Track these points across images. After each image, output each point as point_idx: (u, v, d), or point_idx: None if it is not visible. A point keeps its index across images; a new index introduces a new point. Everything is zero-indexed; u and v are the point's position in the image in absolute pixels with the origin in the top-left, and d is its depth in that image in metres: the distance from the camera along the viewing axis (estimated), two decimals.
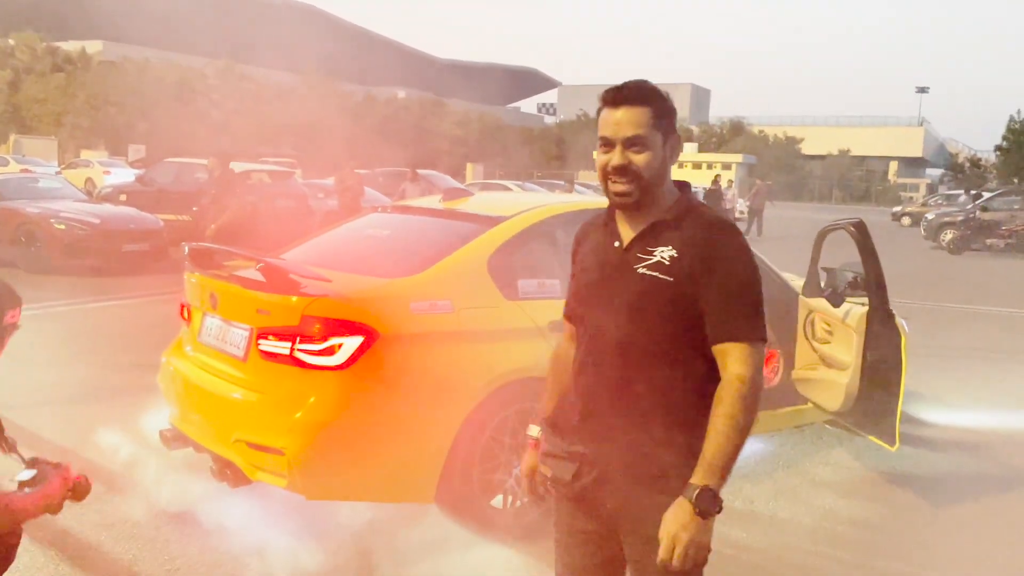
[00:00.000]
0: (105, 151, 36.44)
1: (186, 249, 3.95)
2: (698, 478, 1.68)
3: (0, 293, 2.03)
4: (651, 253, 1.80)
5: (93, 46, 47.96)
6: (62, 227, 10.89)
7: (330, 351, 3.22)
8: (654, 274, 1.77)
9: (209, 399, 3.56)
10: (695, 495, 1.66)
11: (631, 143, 1.78)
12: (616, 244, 1.88)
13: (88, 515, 3.71)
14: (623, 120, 1.78)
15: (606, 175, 1.82)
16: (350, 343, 3.21)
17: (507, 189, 21.31)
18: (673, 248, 1.78)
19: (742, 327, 1.74)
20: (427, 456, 3.35)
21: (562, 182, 28.57)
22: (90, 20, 56.94)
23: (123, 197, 14.71)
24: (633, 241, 1.85)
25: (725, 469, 1.69)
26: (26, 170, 14.91)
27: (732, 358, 1.73)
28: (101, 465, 4.22)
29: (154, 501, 3.83)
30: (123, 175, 25.74)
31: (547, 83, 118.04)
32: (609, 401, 1.84)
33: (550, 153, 63.97)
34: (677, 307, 1.76)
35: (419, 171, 16.74)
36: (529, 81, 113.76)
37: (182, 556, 3.37)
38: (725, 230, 1.79)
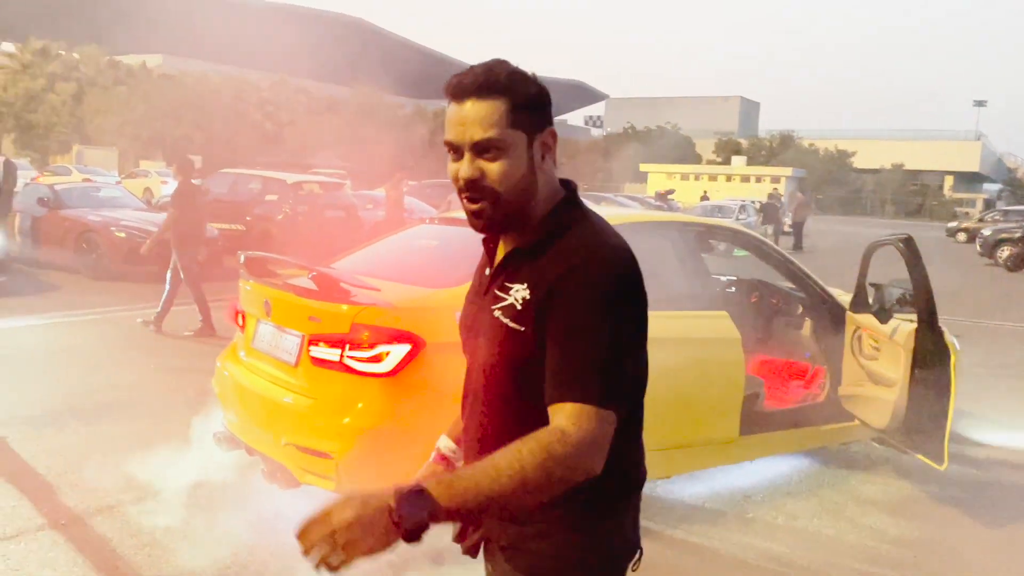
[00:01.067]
0: (163, 162, 37.52)
1: (242, 258, 4.09)
2: (430, 484, 1.21)
3: None
4: (507, 292, 1.43)
5: (153, 60, 49.46)
6: (122, 235, 11.27)
7: (378, 358, 3.31)
8: (506, 321, 1.41)
9: (261, 403, 3.68)
10: (406, 489, 1.19)
11: (481, 148, 1.38)
12: (486, 271, 1.55)
13: (140, 515, 3.86)
14: (469, 118, 1.38)
15: (459, 189, 1.43)
16: (397, 351, 3.30)
17: None
18: (527, 287, 1.40)
19: (573, 387, 1.30)
20: None
21: (610, 195, 28.51)
22: (151, 35, 58.78)
23: None
24: (494, 273, 1.50)
25: (463, 498, 1.20)
26: (88, 180, 15.43)
27: (560, 415, 1.29)
28: (158, 464, 4.37)
29: (206, 501, 3.96)
30: None
31: (594, 96, 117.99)
32: (469, 447, 1.57)
33: (596, 166, 63.91)
34: (531, 364, 1.37)
35: None
36: (576, 94, 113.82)
37: (233, 556, 3.48)
38: (585, 259, 1.34)
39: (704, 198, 28.73)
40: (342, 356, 3.36)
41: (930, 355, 4.15)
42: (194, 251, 8.12)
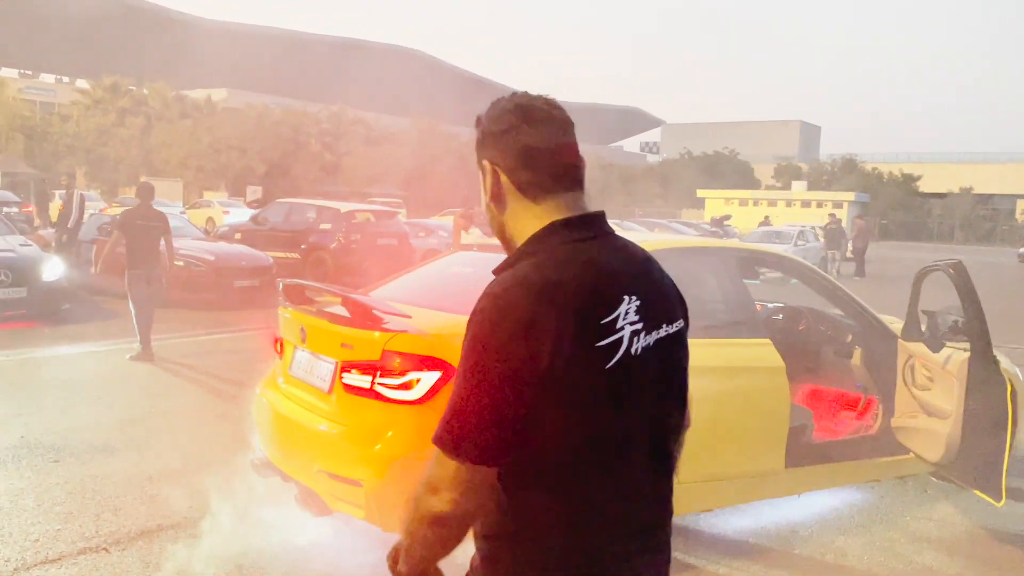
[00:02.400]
0: (225, 192, 38.65)
1: (280, 285, 4.15)
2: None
3: None
4: None
5: (218, 94, 51.18)
6: (180, 264, 11.57)
7: (408, 385, 3.30)
8: None
9: (295, 430, 3.70)
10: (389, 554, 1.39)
11: None
12: None
13: (178, 542, 3.90)
14: None
15: None
16: (428, 378, 3.29)
17: None
18: None
19: (439, 424, 1.26)
20: None
21: (664, 221, 28.28)
22: (216, 70, 60.89)
23: (238, 236, 15.54)
24: None
25: (406, 555, 1.33)
26: None
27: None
28: (198, 490, 4.43)
29: (242, 527, 3.99)
30: (241, 215, 27.17)
31: (651, 122, 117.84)
32: None
33: (652, 192, 63.56)
34: None
35: None
36: (632, 119, 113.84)
37: None
38: (475, 309, 1.27)
39: (765, 223, 28.26)
40: (373, 383, 3.36)
41: (984, 385, 3.96)
42: (141, 272, 7.97)
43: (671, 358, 1.38)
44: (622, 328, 1.26)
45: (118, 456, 5.06)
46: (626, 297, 1.28)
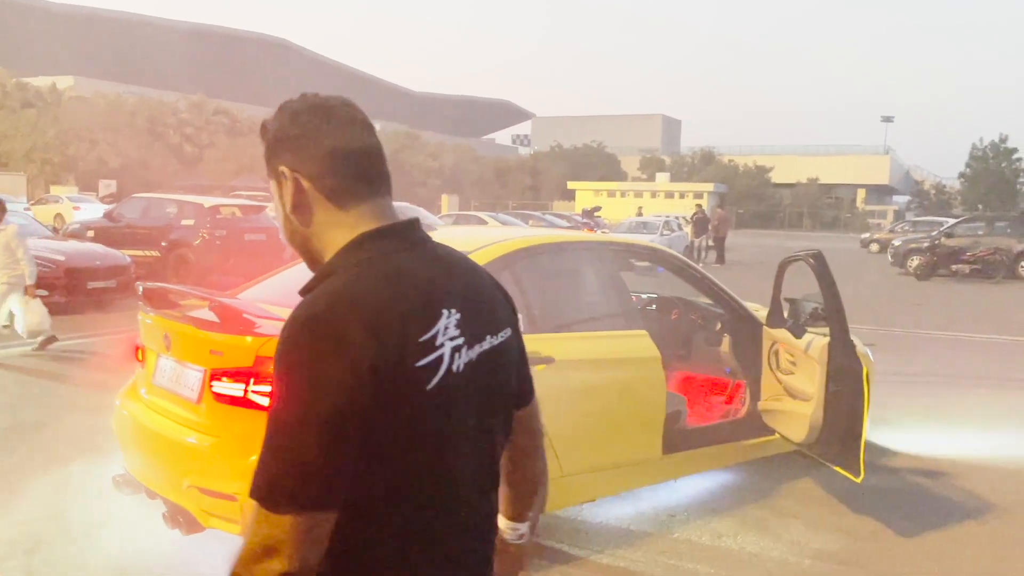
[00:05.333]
0: (75, 187, 36.10)
1: (140, 289, 3.89)
2: None
3: None
4: None
5: (64, 81, 47.76)
6: None
7: None
8: None
9: (161, 443, 3.48)
10: None
11: None
12: None
13: (40, 565, 3.60)
14: None
15: None
16: None
17: (482, 221, 21.39)
18: None
19: (254, 481, 1.10)
20: None
21: (537, 213, 28.70)
22: (61, 56, 56.78)
23: (90, 233, 14.54)
24: None
25: None
26: None
27: (246, 524, 1.13)
28: (54, 509, 4.09)
29: (107, 548, 3.72)
30: (93, 211, 25.49)
31: (521, 115, 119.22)
32: None
33: (524, 184, 64.37)
34: None
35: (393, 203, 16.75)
36: (503, 113, 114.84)
37: None
38: (282, 338, 1.13)
39: (638, 215, 29.22)
40: (246, 391, 3.20)
41: (843, 368, 4.21)
42: None
43: (497, 370, 1.31)
44: (442, 345, 1.17)
45: None
46: (444, 311, 1.20)
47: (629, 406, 4.20)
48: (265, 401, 3.19)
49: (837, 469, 4.43)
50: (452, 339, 1.19)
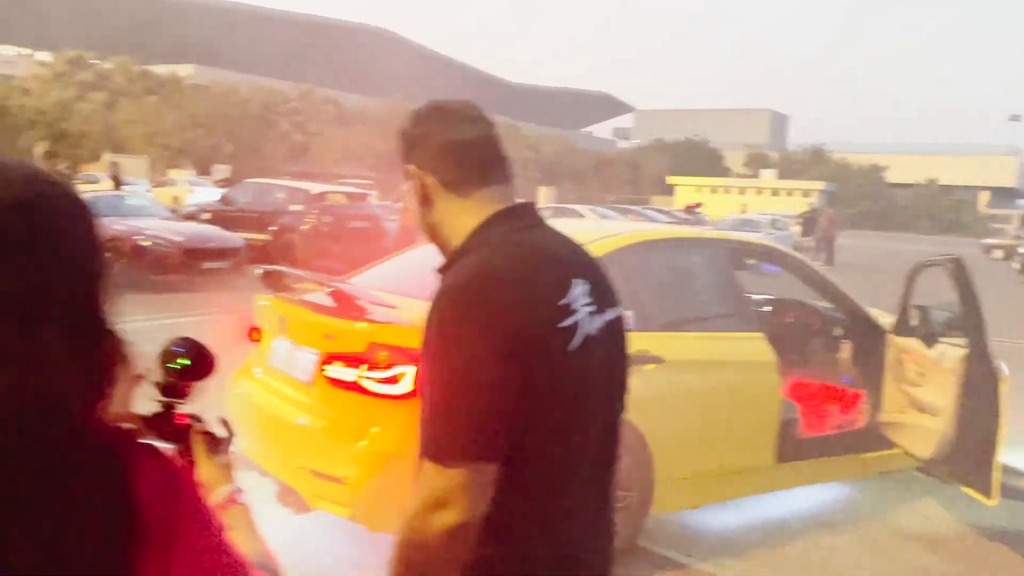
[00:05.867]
0: (193, 171, 37.87)
1: (259, 271, 3.97)
2: None
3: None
4: None
5: (184, 69, 50.10)
6: (147, 244, 11.26)
7: (394, 380, 3.16)
8: None
9: (274, 423, 3.54)
10: None
11: None
12: None
13: None
14: None
15: None
16: (414, 372, 3.15)
17: (579, 215, 21.24)
18: None
19: (424, 440, 1.21)
20: None
21: (637, 208, 28.29)
22: (183, 46, 59.62)
23: (206, 216, 15.16)
24: None
25: None
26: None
27: (417, 481, 1.21)
28: None
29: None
30: (207, 194, 26.62)
31: (621, 108, 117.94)
32: None
33: (623, 178, 63.65)
34: None
35: None
36: (602, 105, 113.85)
37: None
38: (437, 305, 1.24)
39: (743, 212, 28.40)
40: (358, 376, 3.21)
41: (979, 383, 3.92)
42: None
43: (619, 341, 1.39)
44: (577, 310, 1.25)
45: None
46: (575, 280, 1.28)
47: (742, 411, 4.02)
48: (376, 387, 3.20)
49: (966, 490, 4.13)
50: (585, 305, 1.27)
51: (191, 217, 15.29)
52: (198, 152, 41.65)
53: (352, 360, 3.24)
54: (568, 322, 1.23)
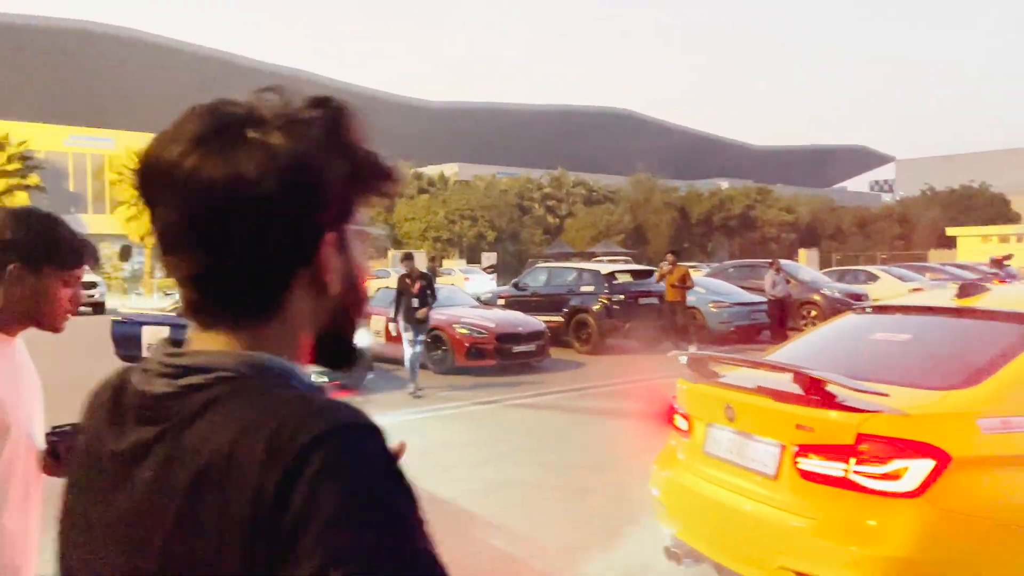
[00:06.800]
0: (463, 260, 40.59)
1: (683, 359, 3.93)
2: None
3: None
4: None
5: (450, 168, 54.45)
6: (464, 331, 11.96)
7: (895, 475, 2.89)
8: None
9: (736, 517, 3.39)
10: None
11: None
12: None
13: None
14: None
15: None
16: (919, 466, 2.86)
17: (872, 276, 19.75)
18: None
19: None
20: None
21: (936, 264, 25.74)
22: (445, 147, 64.97)
23: (501, 302, 15.94)
24: None
25: None
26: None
27: None
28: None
29: None
30: (481, 281, 28.14)
31: (878, 159, 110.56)
32: None
33: (891, 233, 58.95)
34: None
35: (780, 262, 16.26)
36: (858, 159, 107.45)
37: None
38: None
39: None
40: (847, 471, 2.99)
41: None
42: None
43: None
44: None
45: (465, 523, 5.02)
46: None
47: None
48: (868, 483, 2.95)
49: None
50: None
51: (488, 304, 16.14)
52: (464, 242, 44.70)
53: (835, 453, 3.02)
54: None
